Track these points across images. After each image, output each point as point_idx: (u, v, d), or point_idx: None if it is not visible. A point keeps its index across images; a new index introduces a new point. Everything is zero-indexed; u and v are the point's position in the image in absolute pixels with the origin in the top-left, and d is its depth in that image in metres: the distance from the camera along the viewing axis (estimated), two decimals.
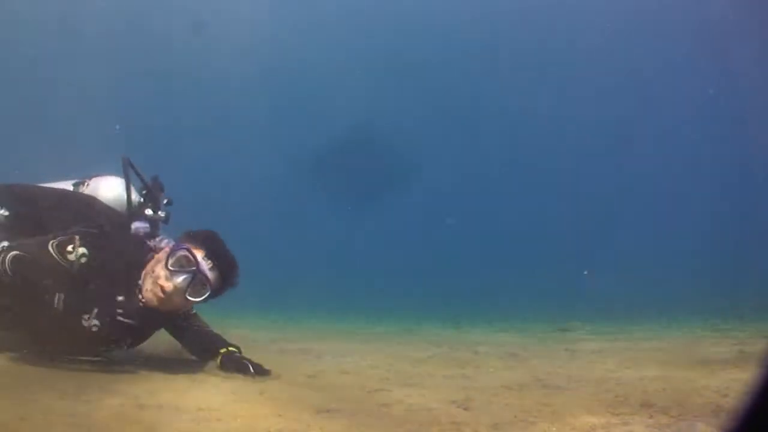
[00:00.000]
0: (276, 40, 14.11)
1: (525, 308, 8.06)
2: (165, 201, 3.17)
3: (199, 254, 2.76)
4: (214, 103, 14.39)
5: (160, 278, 2.72)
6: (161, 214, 3.09)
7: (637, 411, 2.25)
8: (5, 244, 2.86)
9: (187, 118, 14.46)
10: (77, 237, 2.75)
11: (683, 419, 2.12)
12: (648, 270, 11.84)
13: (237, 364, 2.94)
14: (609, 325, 6.43)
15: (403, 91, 14.72)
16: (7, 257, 2.71)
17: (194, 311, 3.17)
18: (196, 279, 2.73)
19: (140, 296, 2.78)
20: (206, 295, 2.79)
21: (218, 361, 3.01)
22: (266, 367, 2.94)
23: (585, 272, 9.07)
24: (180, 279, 2.71)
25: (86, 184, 3.26)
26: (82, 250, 2.71)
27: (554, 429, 2.05)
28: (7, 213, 3.06)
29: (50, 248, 2.71)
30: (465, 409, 2.36)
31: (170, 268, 2.71)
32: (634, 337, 5.35)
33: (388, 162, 13.89)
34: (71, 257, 2.70)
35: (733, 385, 2.64)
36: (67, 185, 3.30)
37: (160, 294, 2.71)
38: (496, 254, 13.56)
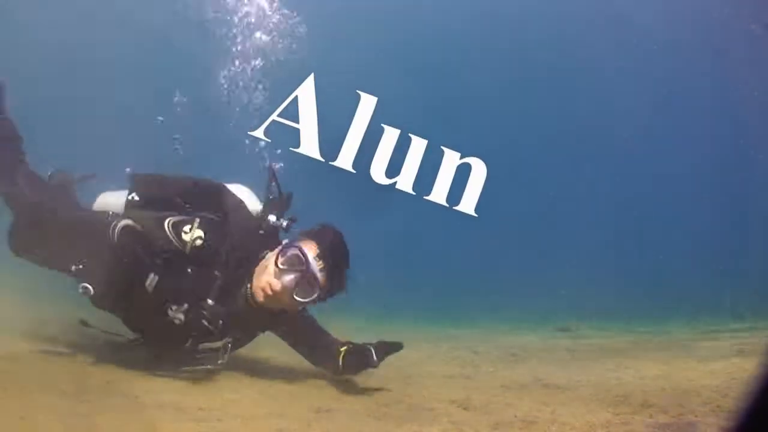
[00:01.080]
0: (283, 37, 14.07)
1: (525, 308, 8.06)
2: (290, 220, 3.02)
3: (311, 254, 2.67)
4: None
5: (269, 276, 2.66)
6: (284, 222, 2.97)
7: (637, 411, 2.25)
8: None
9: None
10: (197, 220, 2.68)
11: (683, 419, 2.12)
12: (648, 270, 11.84)
13: (360, 356, 2.84)
14: (609, 325, 6.45)
15: (406, 90, 14.73)
16: (117, 226, 2.64)
17: (306, 312, 3.04)
18: (305, 279, 2.64)
19: (248, 293, 2.72)
20: (314, 297, 2.69)
21: (340, 360, 2.87)
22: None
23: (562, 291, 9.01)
24: (288, 278, 2.63)
25: None
26: (198, 232, 2.63)
27: (554, 429, 2.05)
28: (137, 198, 2.98)
29: (166, 225, 2.64)
30: (465, 409, 2.37)
31: (280, 266, 2.64)
32: (634, 336, 5.36)
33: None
34: (186, 237, 2.62)
35: (733, 385, 2.64)
36: None
37: (268, 291, 2.65)
38: (496, 253, 13.56)
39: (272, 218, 2.93)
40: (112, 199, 3.23)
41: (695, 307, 7.28)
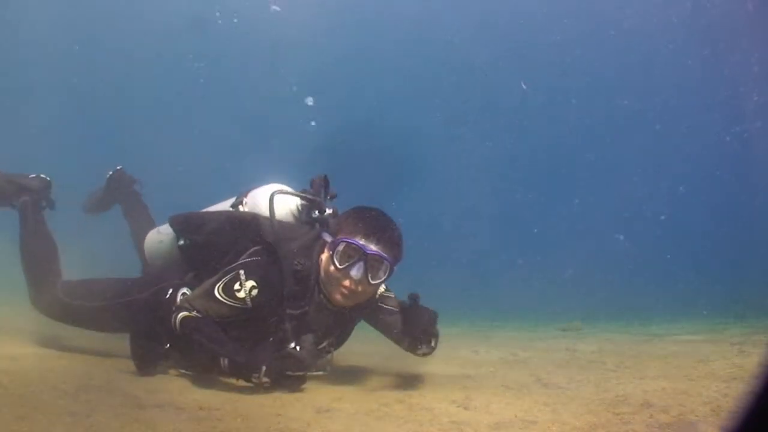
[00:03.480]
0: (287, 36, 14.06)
1: (526, 308, 8.07)
2: (329, 197, 3.00)
3: (359, 238, 2.64)
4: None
5: (337, 280, 2.65)
6: (329, 211, 2.94)
7: (638, 410, 2.25)
8: (184, 291, 2.88)
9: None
10: (242, 271, 2.66)
11: (683, 419, 2.12)
12: (648, 270, 11.84)
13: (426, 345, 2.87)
14: (609, 325, 6.45)
15: (413, 88, 14.75)
16: (177, 318, 2.66)
17: (387, 292, 3.02)
18: (370, 262, 2.63)
19: (325, 300, 2.72)
20: (389, 271, 2.69)
21: (422, 349, 2.83)
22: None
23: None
24: (354, 271, 2.62)
25: (243, 202, 3.13)
26: (250, 283, 2.63)
27: (554, 429, 2.04)
28: (183, 242, 3.04)
29: (217, 295, 2.64)
30: (465, 408, 2.36)
31: (339, 267, 2.63)
32: (635, 336, 5.36)
33: (395, 159, 13.86)
34: (241, 295, 2.62)
35: (733, 385, 2.64)
36: (226, 206, 3.21)
37: (346, 293, 2.65)
38: (496, 253, 13.56)
39: (315, 214, 2.93)
40: (165, 243, 3.30)
41: (696, 307, 7.28)
